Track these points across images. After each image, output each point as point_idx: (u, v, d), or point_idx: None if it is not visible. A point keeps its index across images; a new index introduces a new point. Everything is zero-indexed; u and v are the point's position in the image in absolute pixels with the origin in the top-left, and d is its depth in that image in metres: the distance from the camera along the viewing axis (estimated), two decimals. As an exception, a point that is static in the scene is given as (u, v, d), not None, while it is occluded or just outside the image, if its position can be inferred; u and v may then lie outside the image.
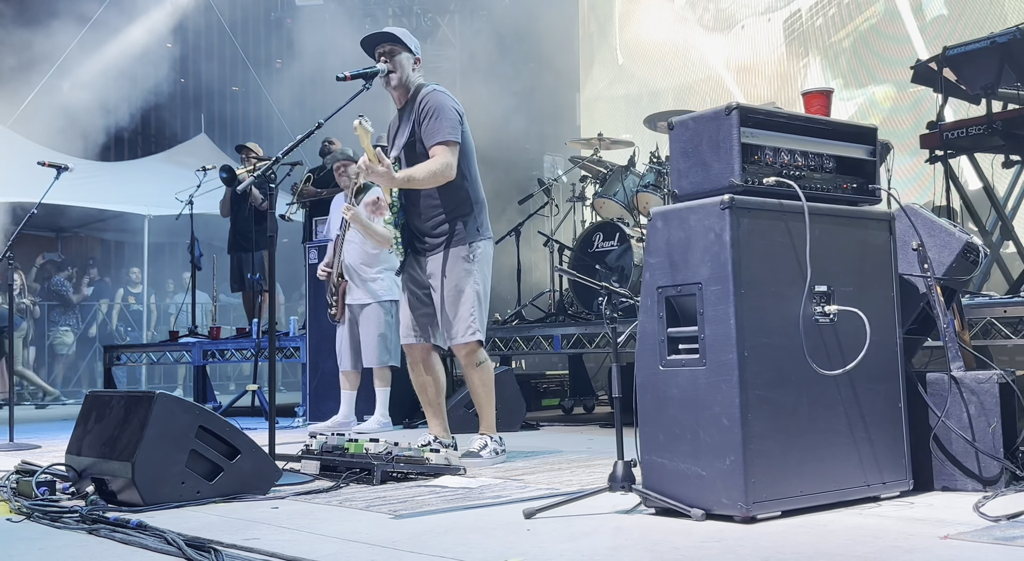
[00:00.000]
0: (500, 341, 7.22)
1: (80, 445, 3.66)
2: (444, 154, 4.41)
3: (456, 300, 4.48)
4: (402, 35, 4.57)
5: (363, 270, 6.49)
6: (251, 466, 3.56)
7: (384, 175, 4.30)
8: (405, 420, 6.70)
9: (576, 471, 4.14)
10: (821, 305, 3.03)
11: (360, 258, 6.49)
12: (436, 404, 4.74)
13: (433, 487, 3.73)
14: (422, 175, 4.38)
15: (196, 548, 2.56)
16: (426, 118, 4.45)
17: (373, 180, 4.40)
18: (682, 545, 2.57)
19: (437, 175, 4.39)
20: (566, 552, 2.52)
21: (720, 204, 2.89)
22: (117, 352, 9.73)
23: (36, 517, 3.21)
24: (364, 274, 6.48)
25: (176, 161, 14.13)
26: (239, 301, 10.62)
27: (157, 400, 3.38)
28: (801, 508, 2.91)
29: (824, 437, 3.00)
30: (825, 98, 3.80)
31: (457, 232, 4.52)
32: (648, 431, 3.05)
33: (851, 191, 3.26)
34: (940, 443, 3.30)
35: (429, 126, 4.43)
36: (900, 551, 2.43)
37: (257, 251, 9.00)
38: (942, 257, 3.43)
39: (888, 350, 3.21)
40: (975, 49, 5.46)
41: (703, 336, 2.91)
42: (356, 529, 2.92)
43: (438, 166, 4.38)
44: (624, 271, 6.79)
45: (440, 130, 4.41)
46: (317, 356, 7.21)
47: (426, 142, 4.44)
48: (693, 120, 3.10)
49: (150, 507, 3.26)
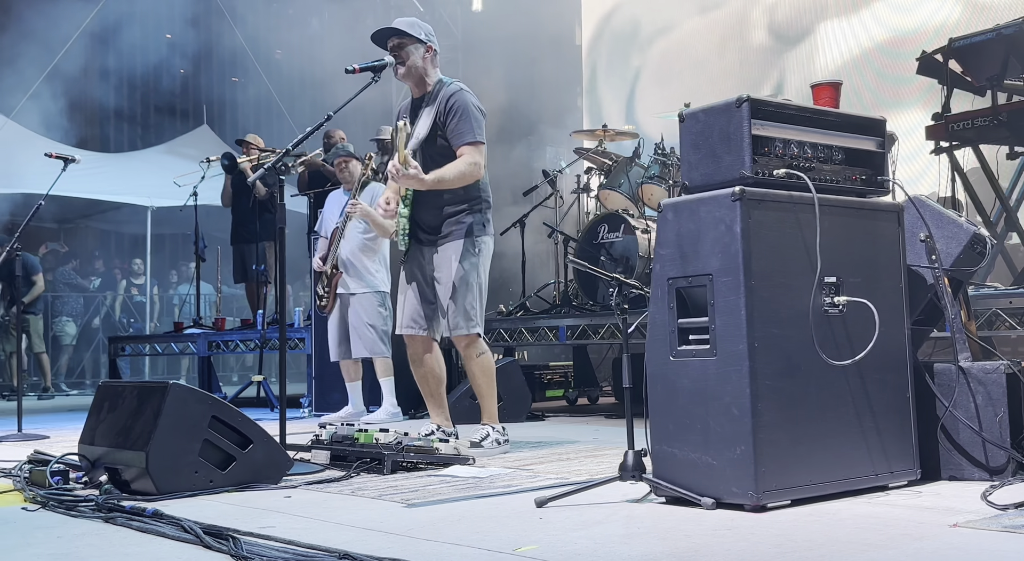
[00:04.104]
0: (505, 332, 7.24)
1: (93, 435, 3.69)
2: (473, 154, 4.45)
3: (461, 292, 4.51)
4: (409, 27, 4.57)
5: (360, 261, 6.53)
6: (263, 456, 3.59)
7: (415, 178, 4.32)
8: (411, 411, 6.73)
9: (584, 461, 4.17)
10: (830, 296, 3.06)
11: (359, 249, 6.52)
12: (437, 394, 4.77)
13: (443, 477, 3.76)
14: (452, 176, 4.42)
15: (213, 535, 2.59)
16: (452, 117, 4.47)
17: (404, 183, 4.38)
18: (694, 533, 2.60)
19: (466, 176, 4.44)
20: (579, 540, 2.55)
21: (731, 196, 2.91)
22: (122, 343, 9.76)
23: (51, 506, 3.24)
24: (361, 265, 6.52)
25: (178, 152, 14.13)
26: (242, 292, 10.64)
27: (170, 390, 3.40)
28: (811, 497, 2.94)
29: (833, 427, 3.03)
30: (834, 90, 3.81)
31: (466, 226, 4.55)
32: (658, 421, 3.08)
33: (860, 183, 3.28)
34: (947, 433, 3.33)
35: (457, 126, 4.46)
36: (910, 539, 2.46)
37: (260, 242, 9.00)
38: (950, 248, 3.45)
39: (896, 341, 3.23)
40: (981, 41, 5.47)
41: (713, 327, 2.93)
42: (370, 517, 2.95)
43: (467, 167, 4.43)
44: (629, 262, 6.81)
45: (469, 130, 4.46)
46: (322, 347, 7.23)
47: (453, 142, 4.47)
48: (704, 112, 3.12)
49: (164, 496, 3.29)
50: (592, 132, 8.18)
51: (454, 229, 4.55)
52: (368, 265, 6.55)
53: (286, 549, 2.46)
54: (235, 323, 8.92)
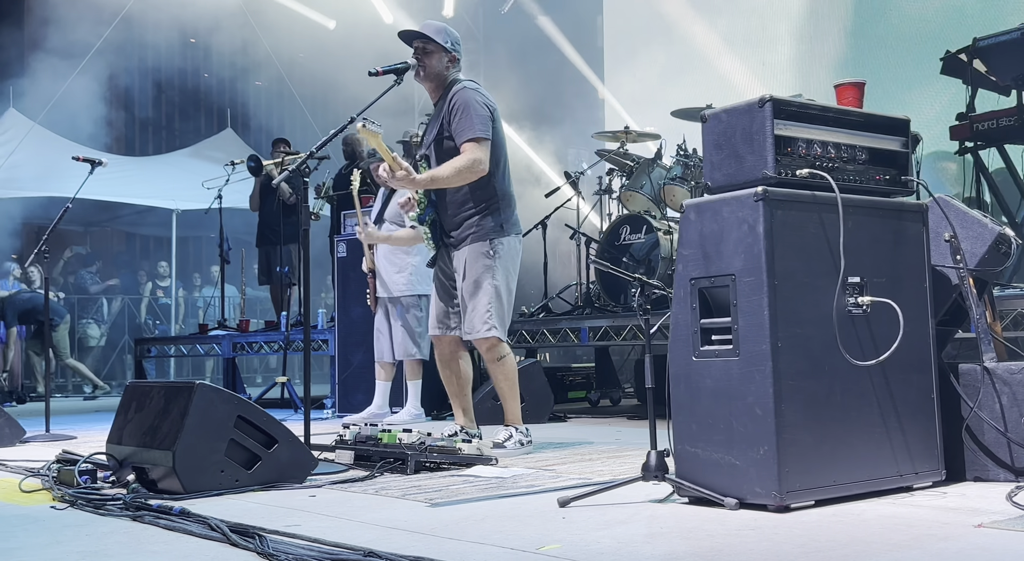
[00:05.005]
0: (527, 333, 7.25)
1: (121, 434, 3.73)
2: (473, 150, 4.43)
3: (474, 295, 4.52)
4: (436, 33, 4.59)
5: (394, 264, 6.54)
6: (288, 455, 3.62)
7: (405, 180, 4.34)
8: (434, 412, 6.75)
9: (607, 461, 4.17)
10: (854, 296, 3.05)
11: (392, 252, 6.53)
12: (462, 395, 4.79)
13: (466, 477, 3.77)
14: (447, 174, 4.40)
15: (240, 533, 2.62)
16: (455, 115, 4.47)
17: (395, 186, 4.41)
18: (717, 533, 2.60)
19: (464, 172, 4.41)
20: (602, 539, 2.55)
21: (753, 196, 2.91)
22: (148, 345, 9.85)
23: (80, 505, 3.28)
24: (394, 268, 6.53)
25: (203, 156, 14.26)
26: (267, 294, 10.71)
27: (197, 390, 3.44)
28: (834, 497, 2.93)
29: (857, 427, 3.02)
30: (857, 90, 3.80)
31: (480, 227, 4.55)
32: (681, 421, 3.08)
33: (884, 183, 3.27)
34: (972, 433, 3.31)
35: (459, 123, 4.45)
36: (935, 539, 2.45)
37: (285, 244, 9.07)
38: (975, 248, 3.43)
39: (921, 341, 3.22)
40: (1005, 40, 5.44)
41: (736, 327, 2.93)
42: (394, 517, 2.97)
43: (465, 163, 4.40)
44: (651, 263, 6.81)
45: (470, 127, 4.43)
46: (345, 349, 7.28)
47: (456, 139, 4.47)
48: (726, 112, 3.12)
49: (190, 495, 3.33)
50: (614, 134, 8.18)
51: (470, 232, 4.56)
52: (402, 269, 6.54)
53: (312, 547, 2.48)
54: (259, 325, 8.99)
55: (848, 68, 9.26)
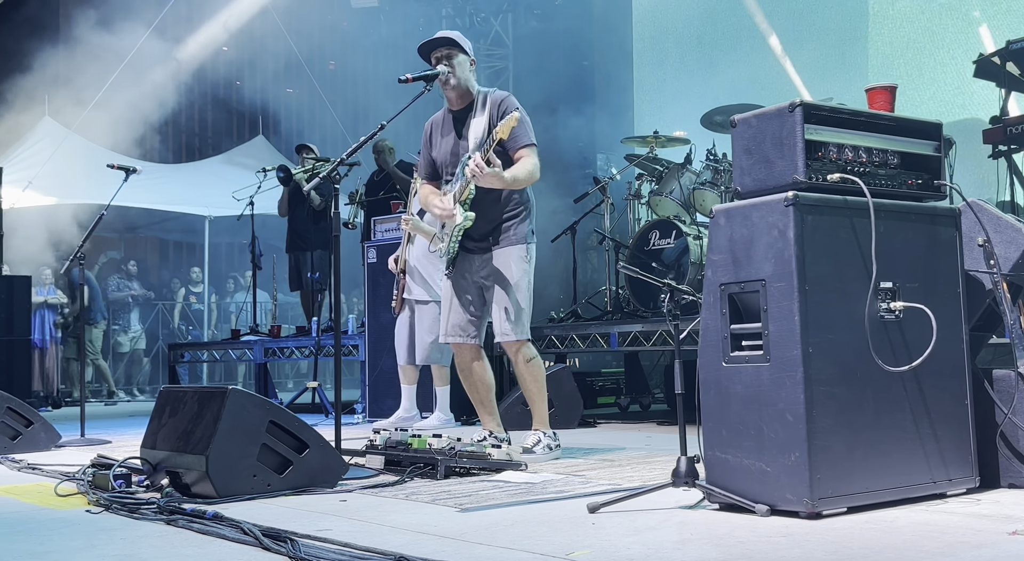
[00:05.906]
0: (556, 339, 7.25)
1: (155, 439, 3.77)
2: (533, 156, 4.53)
3: (513, 298, 4.54)
4: (458, 38, 4.64)
5: (425, 269, 6.55)
6: (319, 460, 3.64)
7: (497, 176, 4.34)
8: (463, 417, 6.76)
9: (636, 467, 4.16)
10: (886, 301, 3.03)
11: (424, 257, 6.54)
12: (488, 402, 4.79)
13: (496, 482, 3.78)
14: (524, 175, 4.47)
15: (272, 537, 2.64)
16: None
17: (485, 183, 4.37)
18: (748, 539, 2.59)
19: (533, 175, 4.52)
20: (632, 545, 2.55)
21: (784, 201, 2.90)
22: (181, 350, 9.95)
23: (114, 509, 3.32)
24: (426, 273, 6.54)
25: (235, 163, 14.40)
26: (297, 300, 10.79)
27: (230, 395, 3.47)
28: (866, 504, 2.91)
29: (889, 433, 2.99)
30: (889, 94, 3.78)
31: (517, 232, 4.59)
32: (711, 427, 3.07)
33: (916, 187, 3.24)
34: (1007, 440, 3.27)
35: (514, 130, 4.49)
36: (968, 546, 2.43)
37: (315, 250, 9.14)
38: (1008, 253, 3.40)
39: (954, 346, 3.19)
40: (1039, 42, 5.38)
41: (767, 333, 2.92)
42: (424, 521, 2.98)
43: (533, 167, 4.50)
44: (681, 268, 6.79)
45: (525, 133, 4.52)
46: (375, 354, 7.31)
47: (511, 145, 4.49)
48: (756, 117, 3.11)
49: (223, 499, 3.36)
50: (643, 138, 8.17)
51: (510, 235, 4.58)
52: (433, 274, 6.55)
53: (343, 551, 2.50)
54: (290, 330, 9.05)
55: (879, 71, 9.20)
